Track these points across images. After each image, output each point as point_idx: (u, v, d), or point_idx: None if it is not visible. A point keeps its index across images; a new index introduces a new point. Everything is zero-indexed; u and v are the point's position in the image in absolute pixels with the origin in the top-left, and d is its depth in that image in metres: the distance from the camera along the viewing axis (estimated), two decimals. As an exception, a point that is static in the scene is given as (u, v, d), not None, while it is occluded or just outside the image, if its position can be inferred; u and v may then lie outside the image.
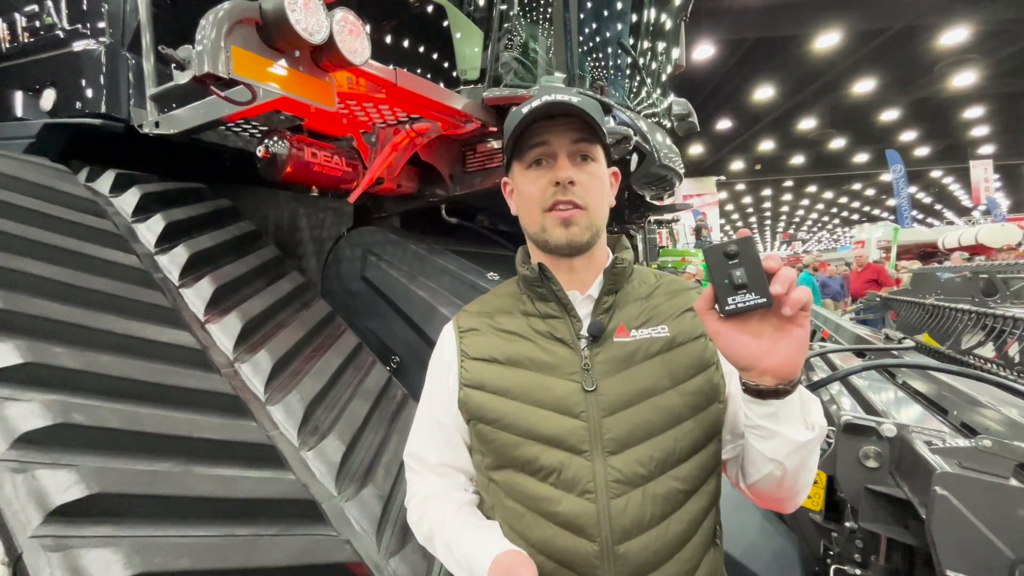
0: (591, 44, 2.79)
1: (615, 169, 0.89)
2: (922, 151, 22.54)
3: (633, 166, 2.39)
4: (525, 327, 0.83)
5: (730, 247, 0.63)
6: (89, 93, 1.96)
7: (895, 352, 2.39)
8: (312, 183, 1.90)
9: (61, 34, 2.03)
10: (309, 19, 1.13)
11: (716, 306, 0.66)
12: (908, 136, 20.25)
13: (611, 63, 2.83)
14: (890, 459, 1.26)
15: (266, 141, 1.76)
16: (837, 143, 20.71)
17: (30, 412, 0.99)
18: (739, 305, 0.63)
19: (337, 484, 1.34)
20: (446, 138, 1.98)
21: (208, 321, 1.57)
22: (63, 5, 1.98)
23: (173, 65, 1.11)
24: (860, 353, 2.60)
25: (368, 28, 1.33)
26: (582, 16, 2.79)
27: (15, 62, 2.22)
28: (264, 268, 1.88)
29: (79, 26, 1.94)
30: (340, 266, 2.30)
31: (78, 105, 1.97)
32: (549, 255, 0.84)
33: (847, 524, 1.40)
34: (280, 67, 1.17)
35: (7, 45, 2.24)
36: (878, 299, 6.15)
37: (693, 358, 0.81)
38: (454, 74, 2.24)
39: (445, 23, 2.23)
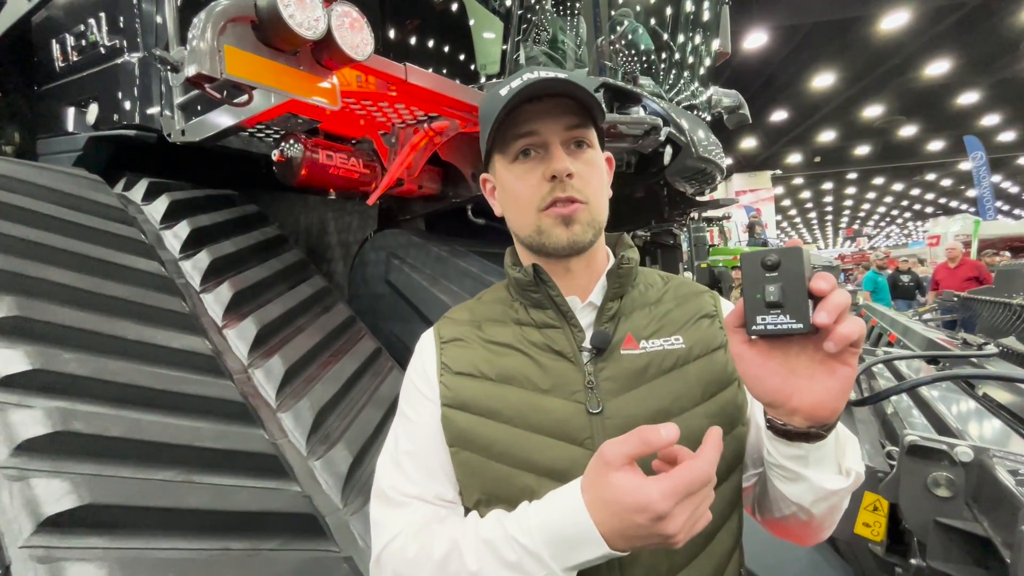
0: (623, 35, 2.65)
1: (609, 154, 0.77)
2: (1007, 136, 20.55)
3: (667, 159, 2.24)
4: (518, 338, 0.72)
5: (770, 257, 0.52)
6: (126, 105, 2.04)
7: (974, 360, 2.12)
8: (329, 186, 1.88)
9: (103, 50, 2.12)
10: (304, 14, 1.09)
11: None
12: (990, 120, 18.50)
13: (644, 52, 2.68)
14: (966, 488, 1.09)
15: (282, 145, 1.76)
16: (907, 131, 19.23)
17: (32, 419, 0.99)
18: (768, 327, 0.52)
19: (343, 496, 1.29)
20: (466, 136, 1.91)
21: (226, 326, 1.57)
22: (103, 22, 2.07)
23: (168, 68, 1.10)
24: (933, 360, 2.33)
25: (384, 24, 1.29)
26: (612, 11, 2.66)
27: (66, 80, 2.35)
28: (286, 273, 1.88)
29: (117, 42, 2.01)
30: (365, 269, 2.29)
31: (116, 117, 2.05)
32: (544, 258, 0.73)
33: (913, 561, 1.22)
34: (277, 66, 1.14)
35: (60, 64, 2.38)
36: (955, 299, 5.60)
37: (713, 373, 0.69)
38: (483, 78, 2.18)
39: (465, 18, 2.17)
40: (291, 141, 1.76)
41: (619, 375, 0.68)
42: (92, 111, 2.18)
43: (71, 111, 2.36)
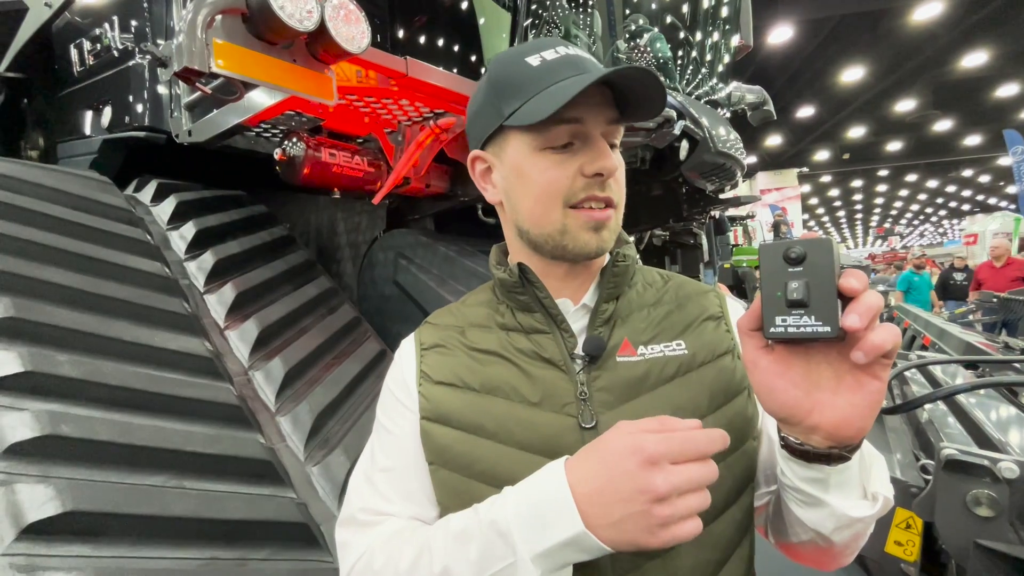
0: (645, 44, 2.57)
1: None
2: (1050, 129, 19.62)
3: (683, 154, 2.15)
4: (503, 345, 0.65)
5: (794, 249, 0.45)
6: (137, 108, 2.05)
7: (1017, 365, 1.98)
8: (332, 185, 1.86)
9: (115, 53, 2.14)
10: (296, 6, 1.05)
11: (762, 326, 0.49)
12: (1032, 113, 17.70)
13: (660, 44, 2.60)
14: (1010, 507, 1.00)
15: (284, 143, 1.74)
16: (942, 125, 18.51)
17: (20, 422, 0.97)
18: (789, 330, 0.45)
19: (340, 504, 1.25)
20: (474, 133, 1.86)
21: (227, 328, 1.55)
22: (116, 25, 2.09)
23: (158, 63, 1.08)
24: (971, 365, 2.19)
25: (393, 20, 1.24)
26: (627, 9, 2.59)
27: (84, 84, 2.38)
28: (292, 273, 1.86)
29: (128, 44, 2.03)
30: (374, 270, 2.26)
31: (127, 119, 2.06)
32: (546, 258, 0.66)
33: (950, 585, 1.13)
34: (269, 60, 1.10)
35: (78, 69, 2.41)
36: (994, 300, 5.32)
37: (719, 382, 0.63)
38: (482, 69, 2.13)
39: (474, 13, 2.12)
40: (293, 139, 1.73)
41: (615, 385, 0.61)
42: (106, 114, 2.20)
43: (88, 114, 2.39)
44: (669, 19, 2.77)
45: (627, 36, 2.54)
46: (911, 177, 28.24)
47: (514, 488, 0.52)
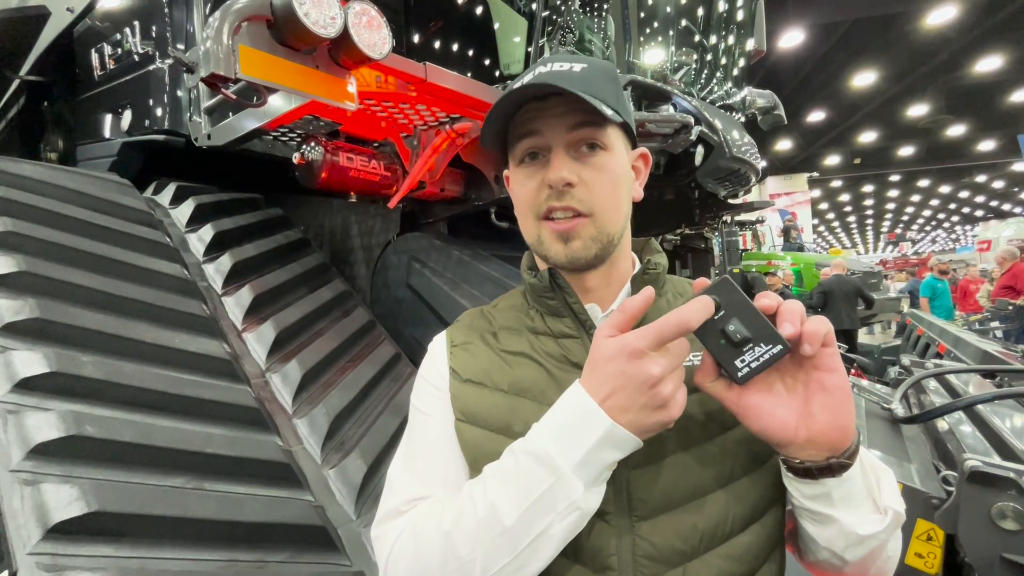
0: (651, 30, 2.57)
1: (644, 150, 0.71)
2: (1066, 135, 19.31)
3: (699, 160, 2.14)
4: (532, 348, 0.66)
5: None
6: (157, 111, 2.08)
7: (1038, 375, 1.95)
8: (349, 189, 1.87)
9: (136, 58, 2.17)
10: (320, 12, 1.07)
11: (723, 373, 0.53)
12: (1047, 118, 17.44)
13: (675, 50, 2.59)
14: (1038, 522, 0.98)
15: (302, 147, 1.75)
16: (955, 130, 18.29)
17: (46, 423, 0.98)
18: (753, 365, 0.50)
19: (357, 507, 1.25)
20: (489, 137, 1.86)
21: (245, 330, 1.56)
22: (137, 30, 2.12)
23: (184, 68, 1.09)
24: (989, 375, 2.16)
25: (407, 25, 1.25)
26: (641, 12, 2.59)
27: (104, 87, 2.42)
28: (307, 276, 1.87)
29: (148, 49, 2.05)
30: (387, 273, 2.27)
31: (147, 123, 2.09)
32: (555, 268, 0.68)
33: (974, 600, 1.11)
34: (293, 65, 1.11)
35: (98, 73, 2.45)
36: (1010, 307, 5.26)
37: None
38: (496, 73, 2.13)
39: (489, 18, 2.13)
40: (311, 144, 1.75)
41: None
42: (126, 117, 2.23)
43: (108, 117, 2.42)
44: (684, 23, 2.76)
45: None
46: (923, 182, 27.93)
47: (540, 421, 0.55)
